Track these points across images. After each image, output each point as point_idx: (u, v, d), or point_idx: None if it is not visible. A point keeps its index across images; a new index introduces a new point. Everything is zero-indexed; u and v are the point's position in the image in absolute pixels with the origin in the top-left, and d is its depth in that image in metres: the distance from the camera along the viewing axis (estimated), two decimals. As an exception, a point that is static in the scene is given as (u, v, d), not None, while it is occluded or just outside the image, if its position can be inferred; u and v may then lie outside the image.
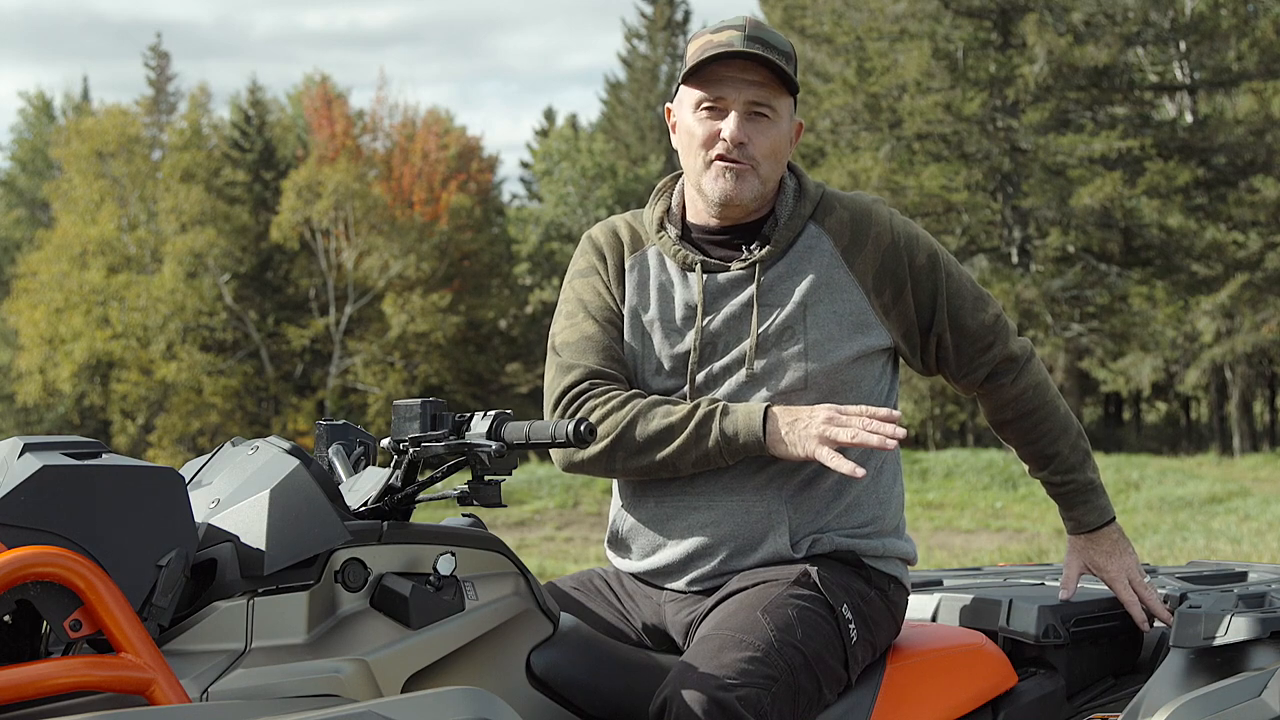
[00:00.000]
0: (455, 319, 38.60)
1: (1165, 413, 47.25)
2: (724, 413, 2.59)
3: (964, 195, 28.86)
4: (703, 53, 2.65)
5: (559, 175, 40.21)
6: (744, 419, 2.58)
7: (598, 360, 2.69)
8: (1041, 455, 2.84)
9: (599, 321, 2.72)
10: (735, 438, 2.58)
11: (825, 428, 2.52)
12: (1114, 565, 2.86)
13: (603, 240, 2.79)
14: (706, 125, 2.66)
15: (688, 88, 2.68)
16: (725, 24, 2.68)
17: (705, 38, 2.68)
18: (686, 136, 2.69)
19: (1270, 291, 29.05)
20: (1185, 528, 15.43)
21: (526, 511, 18.55)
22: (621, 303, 2.74)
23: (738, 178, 2.65)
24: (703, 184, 2.68)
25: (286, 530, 2.17)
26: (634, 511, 2.73)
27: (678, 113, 2.73)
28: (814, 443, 2.53)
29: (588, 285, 2.76)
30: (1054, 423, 2.82)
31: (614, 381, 2.68)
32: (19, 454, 2.06)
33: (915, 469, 21.18)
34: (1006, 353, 2.78)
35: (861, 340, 2.66)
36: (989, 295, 2.81)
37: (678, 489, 2.67)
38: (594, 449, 2.64)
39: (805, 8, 31.52)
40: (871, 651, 2.64)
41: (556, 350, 2.73)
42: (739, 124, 2.63)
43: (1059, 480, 2.84)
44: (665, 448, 2.60)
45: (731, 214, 2.70)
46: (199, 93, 42.11)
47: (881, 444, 2.49)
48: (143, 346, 37.64)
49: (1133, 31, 29.53)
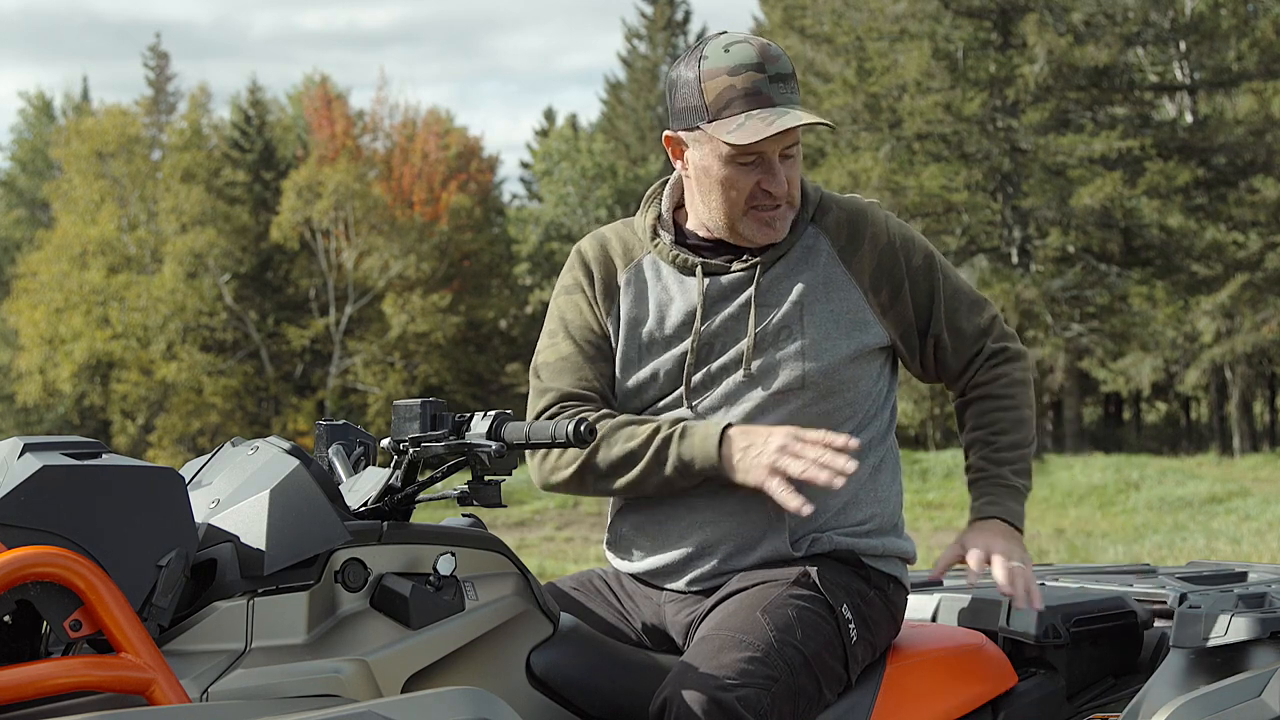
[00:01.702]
0: (455, 319, 38.61)
1: (1165, 413, 47.25)
2: (682, 436, 2.58)
3: (964, 195, 28.87)
4: (731, 104, 2.56)
5: (559, 175, 40.23)
6: (700, 444, 2.56)
7: (571, 382, 2.69)
8: (980, 440, 2.73)
9: (577, 341, 2.72)
10: (691, 464, 2.57)
11: (777, 457, 2.49)
12: (981, 540, 2.62)
13: (591, 255, 2.77)
14: (746, 178, 2.60)
15: (710, 137, 2.60)
16: (739, 61, 2.58)
17: (724, 80, 2.58)
18: (719, 184, 2.62)
19: (1270, 291, 29.06)
20: (1185, 528, 15.44)
21: (526, 511, 18.55)
22: (607, 320, 2.73)
23: (781, 221, 2.64)
24: (740, 228, 2.65)
25: (286, 530, 2.17)
26: (633, 512, 2.73)
27: (695, 152, 2.65)
28: (764, 473, 2.50)
29: (571, 303, 2.76)
30: (1011, 419, 2.73)
31: (587, 403, 2.68)
32: (19, 454, 2.06)
33: (915, 469, 21.18)
34: (999, 346, 2.78)
35: (859, 339, 2.66)
36: (986, 300, 2.80)
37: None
38: (565, 473, 2.65)
39: (805, 8, 31.53)
40: (871, 651, 2.64)
41: (537, 371, 2.74)
42: (782, 176, 2.60)
43: (981, 465, 2.71)
44: (629, 472, 2.61)
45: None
46: (199, 93, 42.15)
47: (829, 481, 2.45)
48: (143, 346, 37.65)
49: (1133, 31, 29.54)
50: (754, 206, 2.63)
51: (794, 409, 2.62)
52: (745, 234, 2.66)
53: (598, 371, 2.71)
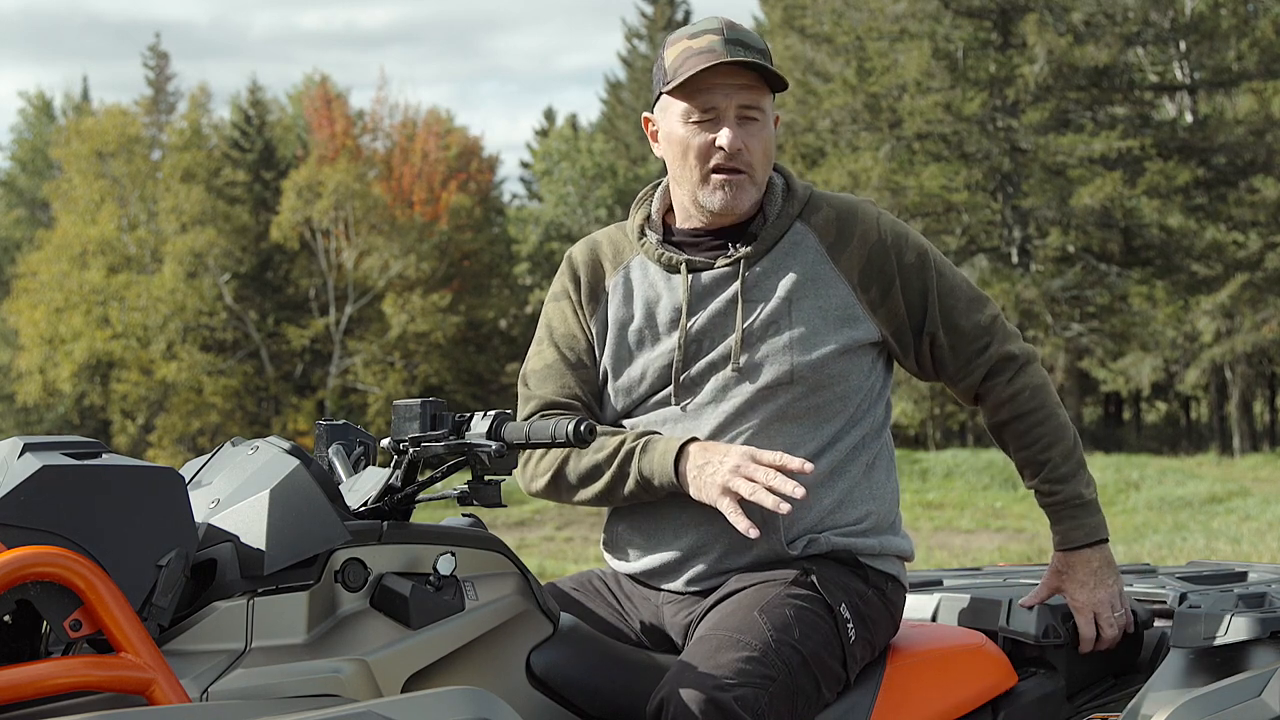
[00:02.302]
0: (455, 319, 38.61)
1: (1165, 413, 47.24)
2: (643, 451, 2.59)
3: (964, 195, 28.86)
4: (686, 61, 2.61)
5: (559, 175, 40.22)
6: (659, 460, 2.58)
7: (554, 390, 2.73)
8: (1034, 461, 2.75)
9: (560, 349, 2.75)
10: (651, 479, 2.59)
11: (729, 478, 2.50)
12: (1083, 597, 2.74)
13: (580, 262, 2.79)
14: (700, 137, 2.63)
15: (674, 99, 2.65)
16: (701, 28, 2.64)
17: (683, 44, 2.64)
18: (679, 148, 2.66)
19: (1270, 291, 29.05)
20: (1185, 528, 15.43)
21: (526, 511, 18.54)
22: (592, 323, 2.75)
23: (737, 189, 2.65)
24: (700, 197, 2.67)
25: (286, 530, 2.18)
26: (627, 514, 2.73)
27: (662, 122, 2.70)
28: (716, 492, 2.52)
29: (557, 310, 2.79)
30: (1049, 428, 2.74)
31: (568, 410, 2.71)
32: (19, 454, 2.06)
33: (915, 469, 21.17)
34: (1004, 352, 2.74)
35: (848, 334, 2.65)
36: (987, 297, 2.78)
37: (669, 488, 2.68)
38: (542, 480, 2.71)
39: (805, 8, 31.52)
40: (870, 651, 2.64)
41: (524, 379, 2.79)
42: (735, 132, 2.62)
43: (1048, 489, 2.74)
44: (595, 484, 2.65)
45: (724, 220, 2.70)
46: (199, 93, 42.13)
47: (774, 506, 2.46)
48: (143, 346, 37.65)
49: (1133, 31, 29.53)
50: (713, 171, 2.64)
51: (783, 404, 2.62)
52: (706, 204, 2.67)
53: (579, 379, 2.74)
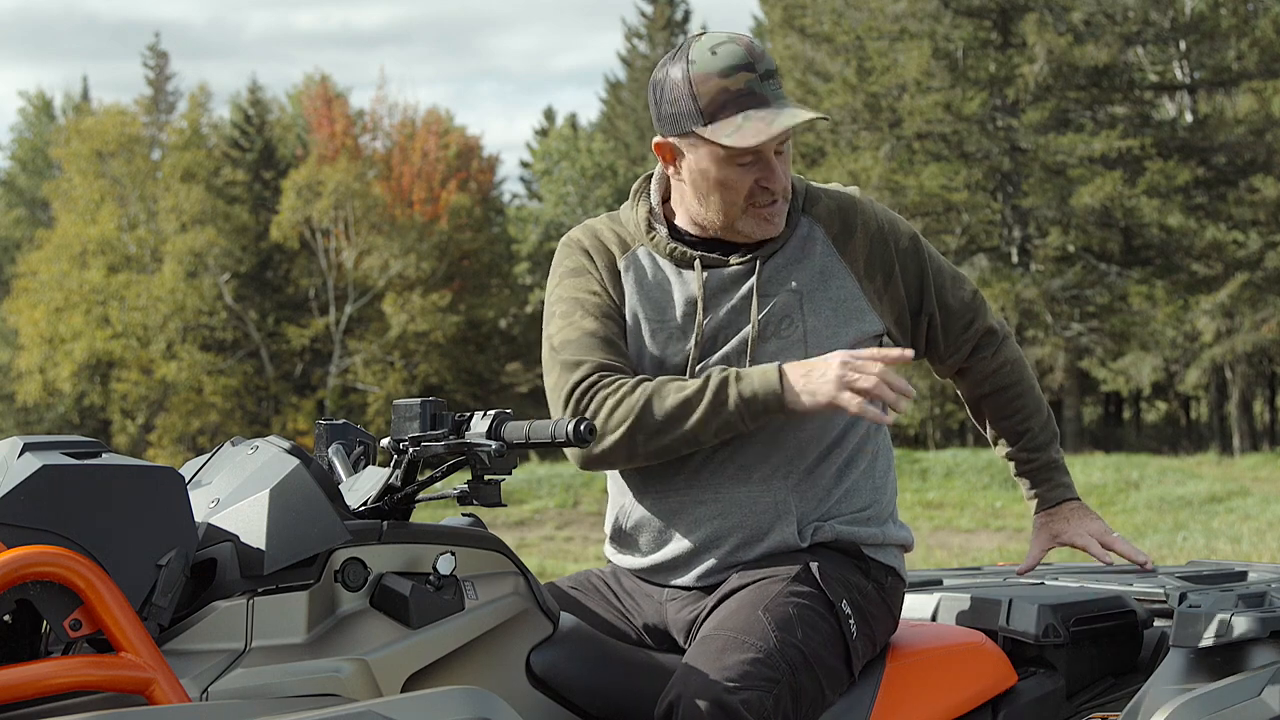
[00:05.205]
0: (455, 319, 38.60)
1: (1165, 412, 47.24)
2: (739, 377, 2.59)
3: (964, 195, 28.86)
4: (726, 106, 2.59)
5: (559, 175, 40.22)
6: (760, 378, 2.57)
7: (603, 354, 2.65)
8: (1014, 431, 2.92)
9: (598, 318, 2.68)
10: (754, 398, 2.56)
11: (844, 372, 2.52)
12: (1076, 528, 2.92)
13: (587, 242, 2.77)
14: (744, 179, 2.63)
15: (711, 141, 2.61)
16: (729, 62, 2.60)
17: (715, 82, 2.60)
18: (714, 185, 2.64)
19: (1270, 291, 29.04)
20: (1185, 527, 15.44)
21: (526, 511, 18.54)
22: (621, 302, 2.72)
23: (778, 216, 2.67)
24: (739, 225, 2.67)
25: (286, 530, 2.17)
26: (639, 507, 2.72)
27: (691, 157, 2.66)
28: (833, 387, 2.52)
29: (580, 284, 2.72)
30: (1029, 399, 2.91)
31: (621, 373, 2.65)
32: (19, 454, 2.06)
33: (915, 469, 21.16)
34: (986, 325, 2.86)
35: (857, 326, 2.69)
36: (964, 274, 2.88)
37: (683, 482, 2.67)
38: (612, 438, 2.59)
39: (805, 7, 31.52)
40: (872, 647, 2.65)
41: (556, 349, 2.67)
42: (780, 171, 2.64)
43: (1027, 456, 2.92)
44: (686, 422, 2.58)
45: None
46: (198, 92, 42.12)
47: (894, 400, 2.49)
48: (143, 346, 37.65)
49: (1133, 31, 29.53)
50: (752, 204, 2.66)
51: None
52: (744, 231, 2.68)
53: (623, 345, 2.70)
